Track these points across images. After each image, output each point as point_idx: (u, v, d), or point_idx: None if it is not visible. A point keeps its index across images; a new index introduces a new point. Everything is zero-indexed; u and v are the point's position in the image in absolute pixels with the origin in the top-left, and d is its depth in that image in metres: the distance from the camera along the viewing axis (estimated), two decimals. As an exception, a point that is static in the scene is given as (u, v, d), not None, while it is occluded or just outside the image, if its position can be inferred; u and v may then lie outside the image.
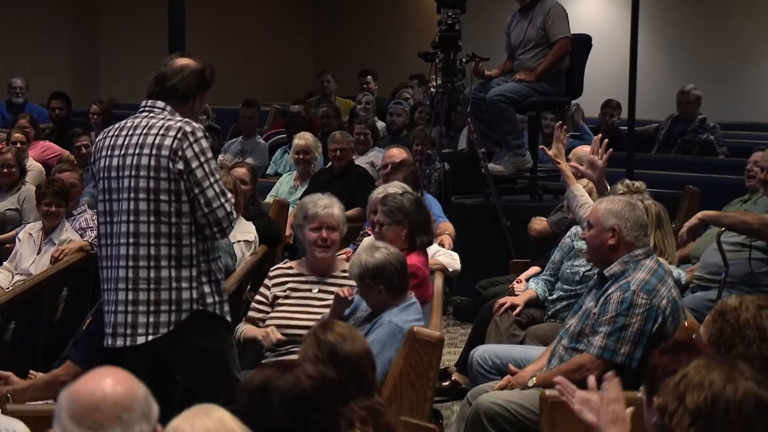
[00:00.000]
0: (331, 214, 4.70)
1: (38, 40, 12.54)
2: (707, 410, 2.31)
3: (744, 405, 2.31)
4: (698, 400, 2.32)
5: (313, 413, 2.55)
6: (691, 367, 2.40)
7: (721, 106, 11.82)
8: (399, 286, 4.23)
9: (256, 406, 2.54)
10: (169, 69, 3.84)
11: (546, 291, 5.44)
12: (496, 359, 4.58)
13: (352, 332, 3.19)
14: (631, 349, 3.97)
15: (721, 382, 2.33)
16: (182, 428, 2.14)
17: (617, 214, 4.15)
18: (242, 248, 5.83)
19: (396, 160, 6.61)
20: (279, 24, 15.37)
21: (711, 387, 2.33)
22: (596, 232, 4.18)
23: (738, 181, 6.40)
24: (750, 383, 2.34)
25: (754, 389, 2.33)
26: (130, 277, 3.70)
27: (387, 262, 4.19)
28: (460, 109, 7.39)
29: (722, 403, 2.31)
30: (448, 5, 7.20)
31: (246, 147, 9.27)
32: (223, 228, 3.74)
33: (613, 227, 4.14)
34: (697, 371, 2.37)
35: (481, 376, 4.57)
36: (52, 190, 6.18)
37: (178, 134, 3.68)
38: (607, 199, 4.33)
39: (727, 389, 2.32)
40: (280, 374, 2.58)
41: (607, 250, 4.15)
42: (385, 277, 4.18)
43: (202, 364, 3.79)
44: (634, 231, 4.14)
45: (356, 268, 4.23)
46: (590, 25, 9.47)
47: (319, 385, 2.59)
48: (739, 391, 2.32)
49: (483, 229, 7.16)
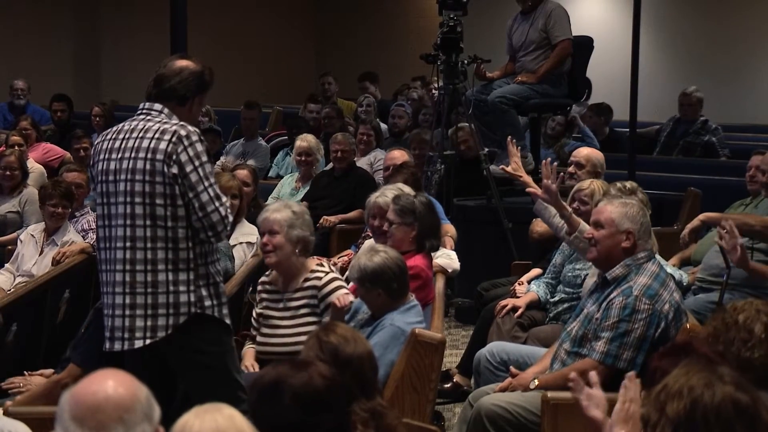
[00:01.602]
0: (270, 218, 4.57)
1: (40, 42, 12.55)
2: (686, 418, 2.30)
3: (722, 409, 2.29)
4: (678, 409, 2.31)
5: (324, 412, 2.55)
6: (671, 375, 2.39)
7: (722, 107, 11.81)
8: (398, 290, 4.22)
9: (267, 402, 2.54)
10: (168, 70, 3.83)
11: (547, 293, 5.44)
12: (505, 355, 4.58)
13: (354, 334, 3.19)
14: (633, 354, 3.96)
15: (699, 389, 2.32)
16: (192, 424, 2.15)
17: (633, 218, 4.14)
18: (244, 250, 5.83)
19: (397, 162, 6.60)
20: (281, 26, 15.38)
21: (690, 394, 2.32)
22: (609, 233, 4.15)
23: (740, 182, 6.39)
24: (728, 387, 2.32)
25: (732, 393, 2.31)
26: (127, 281, 3.69)
27: (386, 266, 4.19)
28: (461, 110, 7.39)
29: (700, 409, 2.30)
30: (450, 7, 7.20)
31: (247, 149, 9.28)
32: (218, 232, 3.73)
33: (629, 230, 4.13)
34: (677, 379, 2.36)
35: (489, 372, 4.57)
36: (58, 191, 6.18)
37: (173, 138, 3.67)
38: (619, 202, 4.31)
39: (705, 395, 2.31)
40: (294, 372, 2.58)
41: (620, 253, 4.13)
42: (384, 281, 4.18)
43: (201, 367, 3.78)
44: (646, 235, 4.16)
45: (355, 272, 4.23)
46: (592, 27, 9.47)
47: (332, 385, 2.60)
48: (717, 395, 2.31)
49: (485, 231, 7.16)
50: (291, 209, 4.61)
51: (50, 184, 6.38)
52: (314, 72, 13.13)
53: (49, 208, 6.18)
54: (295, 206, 4.70)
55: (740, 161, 7.68)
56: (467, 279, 6.70)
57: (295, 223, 4.55)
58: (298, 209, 4.66)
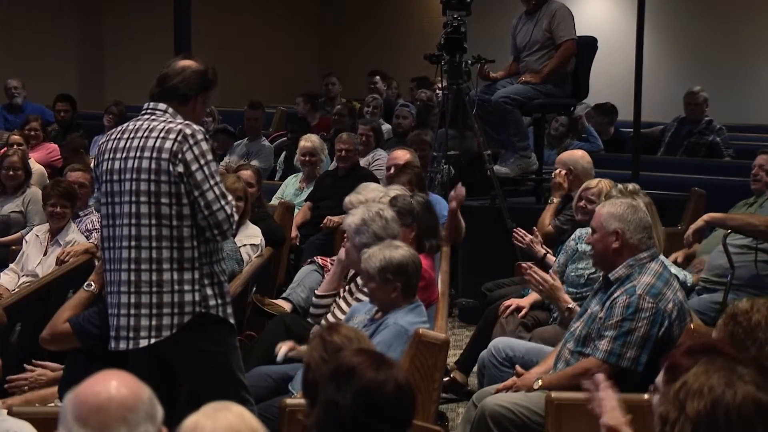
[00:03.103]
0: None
1: (44, 43, 12.55)
2: (708, 417, 2.30)
3: (744, 409, 2.30)
4: (699, 407, 2.31)
5: (380, 421, 2.50)
6: (690, 374, 2.39)
7: (727, 108, 11.79)
8: (413, 287, 4.22)
9: (333, 383, 2.51)
10: (171, 70, 3.84)
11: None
12: (510, 351, 4.58)
13: (358, 334, 3.19)
14: (637, 353, 3.96)
15: (720, 388, 2.32)
16: (204, 424, 2.14)
17: (619, 217, 4.14)
18: (249, 251, 5.84)
19: (400, 162, 6.59)
20: (285, 26, 15.38)
21: (710, 393, 2.32)
22: (600, 236, 4.17)
23: (744, 183, 6.38)
24: (749, 387, 2.33)
25: (754, 393, 2.32)
26: (132, 280, 3.70)
27: (410, 260, 4.17)
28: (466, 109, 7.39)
29: (722, 408, 2.30)
30: (454, 7, 7.19)
31: (251, 149, 9.28)
32: (224, 230, 3.73)
33: (616, 231, 4.13)
34: (696, 378, 2.36)
35: (493, 367, 4.57)
36: (57, 191, 6.19)
37: (178, 137, 3.68)
38: (609, 203, 4.32)
39: (727, 394, 2.31)
40: (373, 368, 2.54)
41: (611, 254, 4.14)
42: (406, 274, 4.15)
43: (205, 367, 3.79)
44: (638, 233, 4.13)
45: (377, 261, 4.15)
46: (596, 27, 9.45)
47: (402, 397, 2.53)
48: (739, 395, 2.31)
49: (488, 231, 7.15)
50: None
51: (50, 184, 6.40)
52: (319, 72, 13.13)
53: (48, 207, 6.20)
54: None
55: (745, 161, 7.67)
56: (471, 279, 6.70)
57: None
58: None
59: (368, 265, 4.19)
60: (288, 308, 5.80)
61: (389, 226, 4.62)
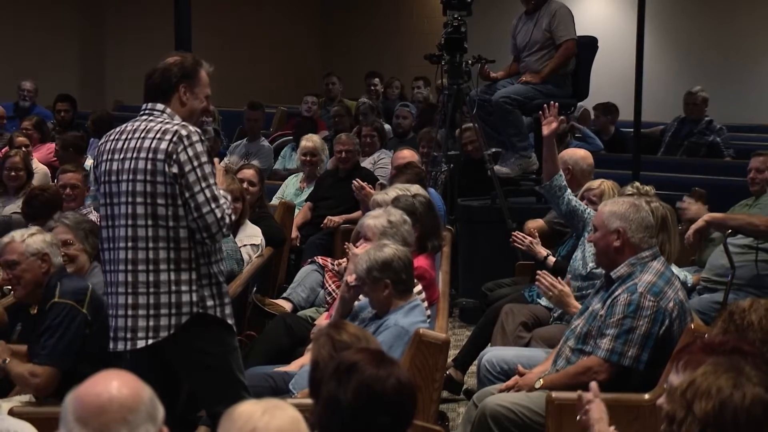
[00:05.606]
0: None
1: (45, 42, 12.56)
2: (716, 418, 2.30)
3: (752, 411, 2.30)
4: (706, 408, 2.31)
5: (380, 415, 2.50)
6: (698, 373, 2.39)
7: (727, 107, 11.80)
8: (405, 282, 4.21)
9: (335, 378, 2.51)
10: (152, 69, 3.85)
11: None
12: (504, 364, 4.58)
13: (365, 333, 3.20)
14: (638, 351, 3.96)
15: (728, 389, 2.32)
16: (258, 419, 2.12)
17: (621, 215, 4.14)
18: (249, 251, 5.84)
19: (406, 162, 6.61)
20: (285, 26, 15.38)
21: (719, 394, 2.32)
22: (601, 234, 4.18)
23: (744, 183, 6.38)
24: (757, 388, 2.33)
25: (762, 394, 2.32)
26: (129, 281, 3.70)
27: (395, 256, 4.19)
28: (465, 110, 7.39)
29: (730, 409, 2.30)
30: (454, 7, 7.20)
31: (251, 150, 9.28)
32: (213, 233, 3.71)
33: (618, 229, 4.13)
34: (705, 378, 2.36)
35: (488, 381, 4.57)
36: (31, 211, 6.08)
37: (173, 138, 3.67)
38: (611, 202, 4.32)
39: (735, 396, 2.31)
40: (374, 364, 2.54)
41: (613, 253, 4.14)
42: (392, 270, 4.16)
43: (204, 367, 3.79)
44: (639, 232, 4.13)
45: (364, 263, 4.19)
46: (596, 27, 9.45)
47: (402, 394, 2.53)
48: (747, 397, 2.31)
49: (489, 231, 7.15)
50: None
51: (25, 200, 6.28)
52: (320, 72, 13.15)
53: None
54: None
55: (745, 161, 7.64)
56: (472, 279, 6.70)
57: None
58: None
59: (357, 269, 4.24)
60: (288, 308, 5.81)
61: (410, 231, 4.68)
